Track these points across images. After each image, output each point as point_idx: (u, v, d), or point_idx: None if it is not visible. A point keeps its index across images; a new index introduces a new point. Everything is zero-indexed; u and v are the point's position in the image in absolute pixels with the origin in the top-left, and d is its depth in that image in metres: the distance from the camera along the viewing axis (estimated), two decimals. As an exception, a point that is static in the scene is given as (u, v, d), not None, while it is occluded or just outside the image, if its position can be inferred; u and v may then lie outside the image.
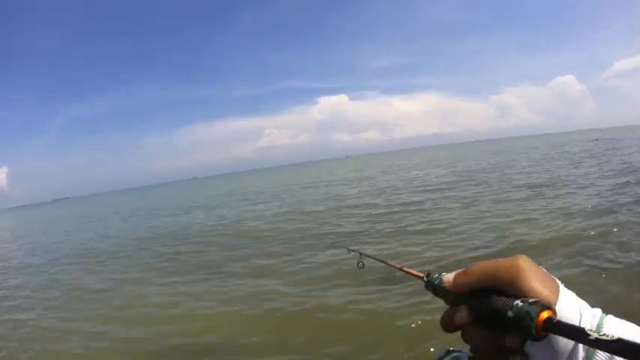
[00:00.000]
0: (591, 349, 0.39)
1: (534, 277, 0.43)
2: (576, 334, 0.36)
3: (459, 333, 0.46)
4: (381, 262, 0.80)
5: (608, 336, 0.33)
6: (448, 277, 0.49)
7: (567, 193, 9.15)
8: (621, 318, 0.43)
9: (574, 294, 0.44)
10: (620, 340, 0.33)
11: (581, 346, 0.40)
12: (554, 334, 0.38)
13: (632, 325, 0.42)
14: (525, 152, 28.71)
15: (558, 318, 0.39)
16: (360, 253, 0.99)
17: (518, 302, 0.40)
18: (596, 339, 0.34)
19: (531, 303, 0.39)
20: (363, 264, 0.98)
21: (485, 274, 0.44)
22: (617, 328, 0.41)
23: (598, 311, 0.43)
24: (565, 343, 0.40)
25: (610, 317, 0.42)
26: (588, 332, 0.35)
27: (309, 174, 41.85)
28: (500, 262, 0.44)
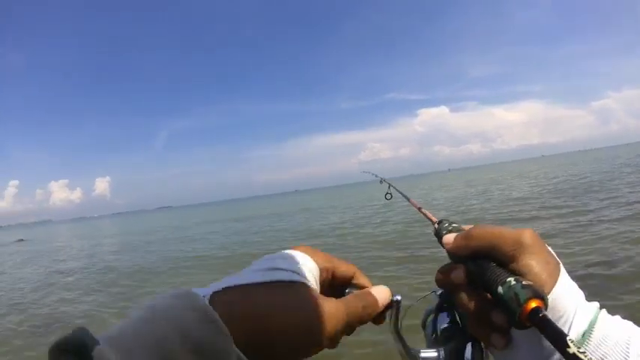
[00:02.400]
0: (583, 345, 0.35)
1: (537, 257, 0.38)
2: (556, 338, 0.32)
3: None
4: (404, 197, 0.83)
5: (586, 356, 0.29)
6: (449, 237, 0.46)
7: None
8: None
9: (574, 284, 0.39)
10: None
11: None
12: (536, 327, 0.33)
13: (628, 323, 0.38)
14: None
15: (551, 306, 0.35)
16: (390, 184, 0.99)
17: (511, 279, 0.36)
18: (574, 354, 0.30)
19: (524, 286, 0.35)
20: (392, 195, 0.97)
21: (486, 240, 0.41)
22: (611, 326, 0.37)
23: (595, 305, 0.39)
24: None
25: (603, 313, 0.38)
26: (568, 342, 0.30)
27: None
28: (505, 232, 0.41)
